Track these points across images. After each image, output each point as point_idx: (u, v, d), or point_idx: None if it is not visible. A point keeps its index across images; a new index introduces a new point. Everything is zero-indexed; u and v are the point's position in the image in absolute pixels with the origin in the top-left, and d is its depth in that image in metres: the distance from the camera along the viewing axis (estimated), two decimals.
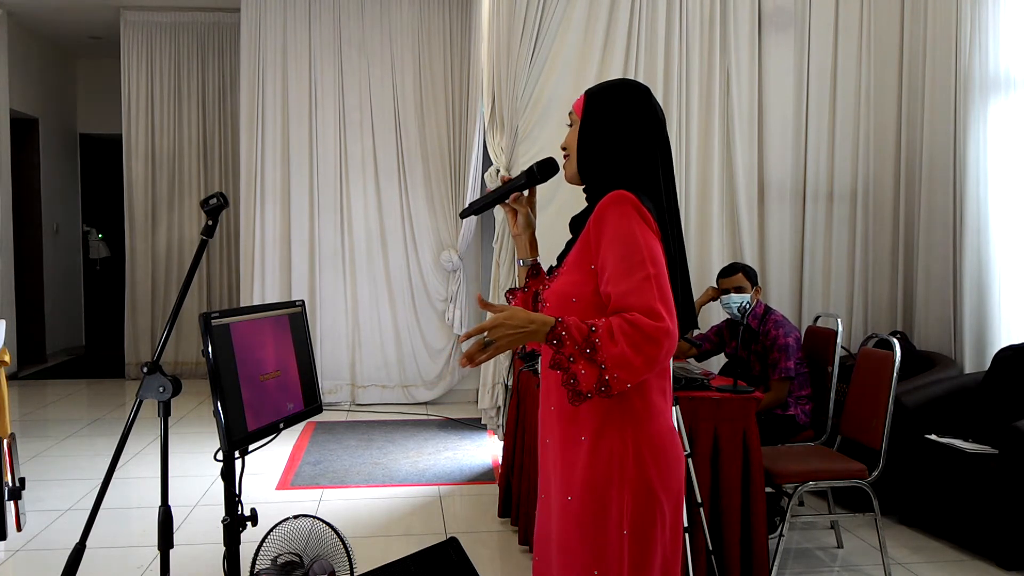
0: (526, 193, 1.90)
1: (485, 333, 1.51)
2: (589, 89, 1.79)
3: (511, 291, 1.97)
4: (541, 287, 1.81)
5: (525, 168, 1.88)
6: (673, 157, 1.81)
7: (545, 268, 1.95)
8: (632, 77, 4.64)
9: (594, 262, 1.63)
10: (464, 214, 1.97)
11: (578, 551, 1.64)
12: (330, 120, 6.51)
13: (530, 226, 1.92)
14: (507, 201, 1.90)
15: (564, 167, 1.81)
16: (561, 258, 1.78)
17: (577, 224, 1.76)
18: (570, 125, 1.79)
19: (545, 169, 1.83)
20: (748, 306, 3.71)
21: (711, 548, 3.01)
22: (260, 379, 2.26)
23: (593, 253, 1.63)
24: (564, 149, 1.81)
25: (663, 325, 1.50)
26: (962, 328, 4.40)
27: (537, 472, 1.86)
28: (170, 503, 2.18)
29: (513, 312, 1.52)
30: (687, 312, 1.74)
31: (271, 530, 2.65)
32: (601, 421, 1.62)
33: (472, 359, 1.52)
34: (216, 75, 7.61)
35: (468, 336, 1.52)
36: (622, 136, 1.70)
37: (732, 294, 3.81)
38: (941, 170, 4.60)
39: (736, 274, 3.86)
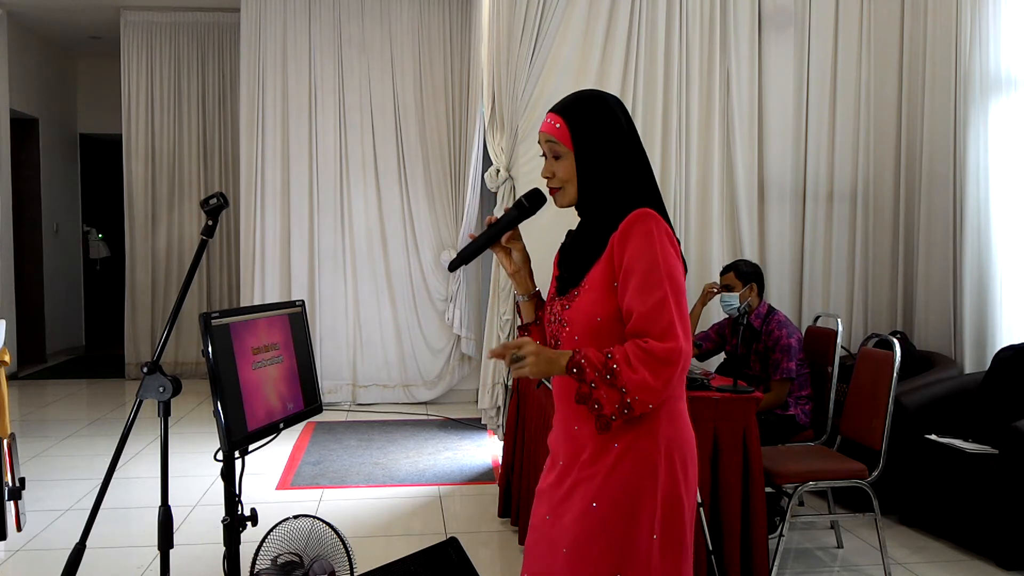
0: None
1: (519, 351, 1.59)
2: (564, 112, 1.72)
3: (523, 327, 1.92)
4: (550, 309, 1.79)
5: (511, 204, 1.84)
6: (673, 157, 1.82)
7: (540, 279, 1.92)
8: (632, 77, 4.65)
9: (616, 279, 1.65)
10: (454, 266, 1.85)
11: (598, 557, 1.64)
12: (330, 120, 6.51)
13: (527, 260, 1.87)
14: (500, 241, 1.83)
15: (555, 196, 1.77)
16: (569, 277, 1.75)
17: (581, 242, 1.74)
18: (558, 157, 1.72)
19: (534, 200, 1.80)
20: (745, 308, 3.71)
21: (711, 548, 3.01)
22: (260, 379, 2.26)
23: (616, 270, 1.65)
24: (549, 178, 1.75)
25: (675, 345, 1.56)
26: (962, 328, 4.40)
27: (537, 473, 1.84)
28: (170, 503, 2.18)
29: (535, 343, 1.62)
30: None
31: (271, 530, 2.65)
32: (635, 427, 1.65)
33: (500, 358, 1.61)
34: (216, 75, 7.61)
35: (497, 353, 1.61)
36: (621, 156, 1.71)
37: (723, 293, 3.83)
38: (941, 170, 4.60)
39: (727, 273, 3.91)
